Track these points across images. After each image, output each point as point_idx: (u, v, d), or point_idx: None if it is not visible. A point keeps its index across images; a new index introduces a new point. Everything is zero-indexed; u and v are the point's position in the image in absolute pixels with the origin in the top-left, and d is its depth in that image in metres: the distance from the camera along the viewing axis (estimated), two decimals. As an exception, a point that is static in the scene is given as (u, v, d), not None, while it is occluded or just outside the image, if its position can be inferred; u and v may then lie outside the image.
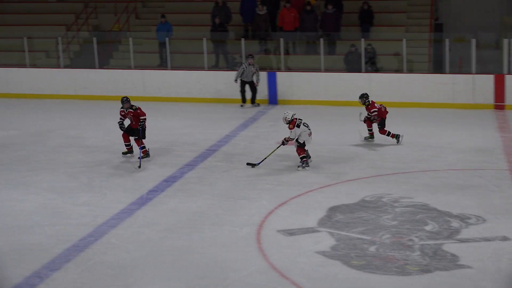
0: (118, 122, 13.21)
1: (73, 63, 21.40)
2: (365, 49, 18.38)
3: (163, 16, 20.83)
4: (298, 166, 12.30)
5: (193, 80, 19.12)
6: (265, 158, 12.66)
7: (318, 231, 9.37)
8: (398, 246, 8.80)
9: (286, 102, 18.36)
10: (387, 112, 13.87)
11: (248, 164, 12.56)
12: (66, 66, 20.96)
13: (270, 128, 15.85)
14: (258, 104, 18.23)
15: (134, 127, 13.01)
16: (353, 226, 9.48)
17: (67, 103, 19.46)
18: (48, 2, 24.32)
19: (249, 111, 17.65)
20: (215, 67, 19.75)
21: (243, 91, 18.17)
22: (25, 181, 12.00)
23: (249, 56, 18.08)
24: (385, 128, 13.83)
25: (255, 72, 17.90)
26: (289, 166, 12.49)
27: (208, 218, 9.99)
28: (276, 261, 8.46)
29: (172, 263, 8.52)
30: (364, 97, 13.86)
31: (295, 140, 12.20)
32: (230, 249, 8.89)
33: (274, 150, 12.75)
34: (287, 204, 10.50)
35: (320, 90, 18.25)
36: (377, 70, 18.51)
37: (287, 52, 19.73)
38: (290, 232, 9.32)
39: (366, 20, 20.14)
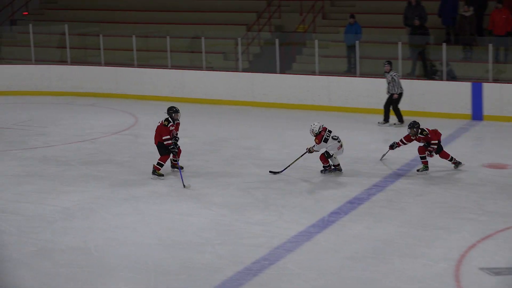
0: (172, 149, 13.21)
1: (252, 67, 21.87)
2: None
3: (352, 16, 20.80)
4: (321, 171, 13.26)
5: (385, 89, 18.87)
6: (289, 165, 13.34)
7: (530, 272, 8.92)
8: None
9: (494, 118, 17.67)
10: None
11: (270, 172, 13.30)
12: (244, 70, 21.46)
13: (473, 148, 15.37)
14: (395, 123, 17.56)
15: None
16: None
17: (244, 110, 19.90)
18: (228, -1, 25.11)
19: (448, 127, 17.14)
20: (411, 75, 19.44)
21: (386, 105, 17.71)
22: (196, 194, 12.36)
23: (385, 62, 17.64)
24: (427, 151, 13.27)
25: (390, 82, 17.45)
26: (495, 194, 12.01)
27: (397, 248, 9.78)
28: (478, 304, 8.14)
29: (355, 297, 8.42)
30: (416, 126, 13.19)
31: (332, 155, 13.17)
32: (423, 285, 8.65)
33: (299, 158, 13.37)
34: (492, 237, 10.06)
35: (537, 106, 17.48)
36: None
37: (496, 60, 19.04)
38: (496, 271, 8.91)
39: None
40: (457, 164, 13.39)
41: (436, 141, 13.16)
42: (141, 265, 9.34)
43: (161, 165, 13.26)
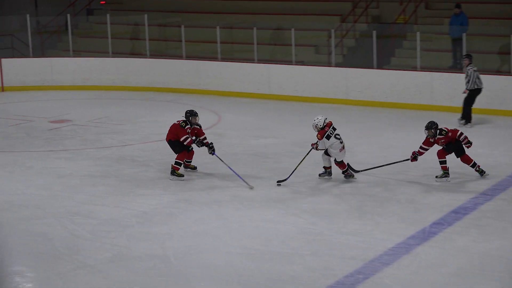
0: (196, 142, 13.58)
1: (346, 61, 21.81)
2: None
3: (458, 6, 20.56)
4: (344, 176, 13.27)
5: (494, 87, 18.51)
6: (295, 168, 13.29)
7: None
8: None
9: None
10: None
11: (278, 182, 13.11)
12: (337, 65, 21.41)
13: None
14: (465, 123, 17.48)
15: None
16: None
17: (336, 109, 19.80)
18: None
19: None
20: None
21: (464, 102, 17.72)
22: (283, 199, 12.35)
23: (463, 56, 17.62)
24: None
25: (466, 77, 17.36)
26: None
27: (509, 265, 9.56)
28: None
29: (461, 318, 8.26)
30: (434, 127, 12.91)
31: (331, 157, 13.17)
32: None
33: (305, 157, 13.43)
34: None
35: None
36: None
37: None
38: None
39: None
40: (481, 172, 13.12)
41: (462, 132, 13.00)
42: (223, 275, 9.36)
43: (180, 164, 13.51)
